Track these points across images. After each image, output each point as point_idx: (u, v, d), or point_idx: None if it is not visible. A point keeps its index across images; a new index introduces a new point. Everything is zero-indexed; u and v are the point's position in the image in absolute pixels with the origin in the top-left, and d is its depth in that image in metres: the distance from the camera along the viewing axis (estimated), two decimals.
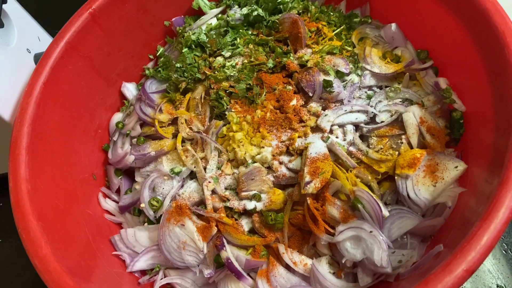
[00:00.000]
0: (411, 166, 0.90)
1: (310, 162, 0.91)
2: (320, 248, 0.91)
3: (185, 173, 1.02)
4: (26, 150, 0.87)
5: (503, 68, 0.81)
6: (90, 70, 1.08)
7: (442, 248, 0.77)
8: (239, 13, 1.17)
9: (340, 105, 1.02)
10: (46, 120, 0.94)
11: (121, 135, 1.15)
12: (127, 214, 1.08)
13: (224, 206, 0.95)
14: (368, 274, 0.84)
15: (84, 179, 1.05)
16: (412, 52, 1.10)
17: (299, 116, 1.00)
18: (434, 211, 0.91)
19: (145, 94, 1.13)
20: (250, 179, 0.93)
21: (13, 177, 0.84)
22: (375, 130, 0.99)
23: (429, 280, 0.65)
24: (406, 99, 1.03)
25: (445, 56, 1.04)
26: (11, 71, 1.04)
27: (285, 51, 1.09)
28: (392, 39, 1.13)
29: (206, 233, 0.91)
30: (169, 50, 1.24)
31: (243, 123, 1.00)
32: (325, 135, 0.97)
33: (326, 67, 1.03)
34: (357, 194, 0.87)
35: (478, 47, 0.91)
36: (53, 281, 0.75)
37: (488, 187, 0.75)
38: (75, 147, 1.04)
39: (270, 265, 0.89)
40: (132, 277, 0.97)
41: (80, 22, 1.02)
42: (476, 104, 0.94)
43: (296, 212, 0.93)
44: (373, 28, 1.16)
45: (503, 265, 1.06)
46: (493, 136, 0.83)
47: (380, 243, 0.80)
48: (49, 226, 0.82)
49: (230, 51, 1.11)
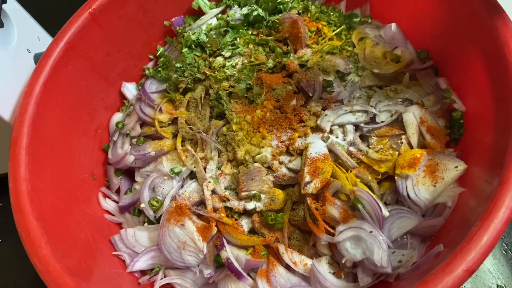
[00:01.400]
0: (411, 166, 0.90)
1: (310, 162, 0.91)
2: (320, 248, 0.91)
3: (185, 173, 1.02)
4: (26, 150, 0.87)
5: (503, 68, 0.81)
6: (90, 70, 1.08)
7: (442, 248, 0.77)
8: (239, 13, 1.17)
9: (340, 105, 1.02)
10: (46, 120, 0.94)
11: (121, 135, 1.15)
12: (127, 214, 1.08)
13: (224, 206, 0.95)
14: (368, 274, 0.84)
15: (84, 179, 1.05)
16: (412, 52, 1.09)
17: (299, 116, 1.00)
18: (434, 211, 0.91)
19: (145, 94, 1.13)
20: (250, 179, 0.93)
21: (13, 177, 0.84)
22: (375, 130, 0.99)
23: (429, 280, 0.65)
24: (406, 99, 1.03)
25: (445, 56, 1.04)
26: (11, 71, 1.04)
27: (285, 51, 1.09)
28: (392, 39, 1.13)
29: (206, 233, 0.91)
30: (169, 50, 1.24)
31: (243, 123, 1.00)
32: (325, 135, 0.97)
33: (326, 67, 1.03)
34: (357, 194, 0.87)
35: (478, 47, 0.91)
36: (53, 281, 0.75)
37: (488, 187, 0.75)
38: (75, 147, 1.04)
39: (270, 265, 0.89)
40: (132, 277, 0.97)
41: (80, 22, 1.02)
42: (476, 104, 0.94)
43: (296, 212, 0.93)
44: (373, 28, 1.16)
45: (503, 265, 1.06)
46: (493, 136, 0.83)
47: (380, 243, 0.80)
48: (49, 226, 0.82)
49: (230, 51, 1.11)
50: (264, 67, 1.06)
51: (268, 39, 1.11)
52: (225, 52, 1.11)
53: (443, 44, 1.03)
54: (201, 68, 1.10)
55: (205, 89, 1.09)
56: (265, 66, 1.06)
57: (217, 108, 1.06)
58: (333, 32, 1.13)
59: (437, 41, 1.05)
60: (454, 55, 1.00)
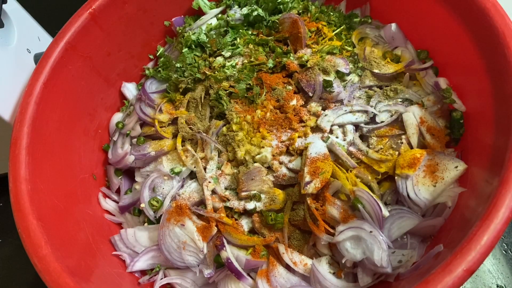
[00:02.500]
0: (411, 166, 0.90)
1: (310, 162, 0.91)
2: (320, 248, 0.91)
3: (185, 173, 1.02)
4: (26, 150, 0.87)
5: (503, 68, 0.81)
6: (90, 70, 1.08)
7: (442, 248, 0.77)
8: (239, 13, 1.17)
9: (340, 105, 1.02)
10: (46, 120, 0.94)
11: (121, 135, 1.15)
12: (127, 214, 1.08)
13: (224, 206, 0.95)
14: (368, 274, 0.84)
15: (84, 179, 1.05)
16: (412, 52, 1.10)
17: (299, 116, 1.00)
18: (434, 211, 0.91)
19: (145, 94, 1.13)
20: (250, 179, 0.93)
21: (13, 177, 0.84)
22: (375, 130, 0.99)
23: (429, 280, 0.65)
24: (406, 99, 1.03)
25: (445, 56, 1.04)
26: (11, 71, 1.04)
27: (285, 51, 1.09)
28: (392, 39, 1.13)
29: (206, 233, 0.91)
30: (169, 50, 1.24)
31: (243, 123, 1.00)
32: (325, 135, 0.97)
33: (326, 67, 1.03)
34: (357, 194, 0.87)
35: (478, 47, 0.91)
36: (53, 281, 0.75)
37: (488, 187, 0.75)
38: (75, 147, 1.04)
39: (270, 265, 0.89)
40: (132, 277, 0.97)
41: (80, 22, 1.02)
42: (476, 104, 0.94)
43: (296, 212, 0.93)
44: (373, 28, 1.16)
45: (503, 265, 1.06)
46: (493, 136, 0.83)
47: (380, 243, 0.80)
48: (49, 226, 0.82)
49: (230, 51, 1.11)
50: (264, 67, 1.06)
51: (268, 39, 1.11)
52: (225, 52, 1.11)
53: (443, 44, 1.03)
54: (201, 68, 1.10)
55: (205, 89, 1.09)
56: (265, 66, 1.06)
57: (217, 108, 1.06)
58: (333, 32, 1.13)
59: (437, 41, 1.05)
60: (454, 55, 1.00)
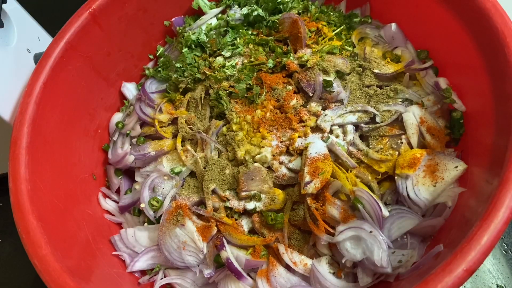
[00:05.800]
0: (411, 166, 0.90)
1: (310, 162, 0.91)
2: (320, 248, 0.91)
3: (185, 173, 1.02)
4: (26, 150, 0.87)
5: (503, 68, 0.81)
6: (90, 70, 1.08)
7: (442, 248, 0.77)
8: (239, 13, 1.17)
9: (340, 105, 1.02)
10: (46, 120, 0.94)
11: (121, 135, 1.15)
12: (127, 214, 1.08)
13: (224, 206, 0.95)
14: (368, 274, 0.84)
15: (84, 179, 1.05)
16: (412, 52, 1.10)
17: (299, 116, 1.00)
18: (434, 211, 0.91)
19: (145, 94, 1.13)
20: (250, 179, 0.93)
21: (13, 177, 0.84)
22: (375, 130, 0.99)
23: (429, 280, 0.65)
24: (406, 99, 1.03)
25: (445, 56, 1.04)
26: (11, 71, 1.04)
27: (285, 51, 1.09)
28: (392, 39, 1.13)
29: (206, 233, 0.91)
30: (169, 50, 1.24)
31: (243, 123, 1.00)
32: (325, 135, 0.97)
33: (326, 67, 1.03)
34: (357, 194, 0.87)
35: (478, 47, 0.91)
36: (53, 281, 0.75)
37: (488, 187, 0.75)
38: (75, 147, 1.04)
39: (270, 265, 0.89)
40: (132, 277, 0.97)
41: (80, 22, 1.02)
42: (476, 104, 0.94)
43: (296, 212, 0.93)
44: (373, 28, 1.16)
45: (503, 265, 1.06)
46: (493, 136, 0.83)
47: (380, 243, 0.80)
48: (49, 226, 0.82)
49: (230, 51, 1.11)
50: (264, 67, 1.06)
51: (268, 39, 1.11)
52: (225, 52, 1.11)
53: (443, 44, 1.03)
54: (201, 68, 1.10)
55: (205, 89, 1.09)
56: (265, 66, 1.06)
57: (217, 108, 1.06)
58: (333, 32, 1.13)
59: (437, 41, 1.05)
60: (454, 55, 1.00)
